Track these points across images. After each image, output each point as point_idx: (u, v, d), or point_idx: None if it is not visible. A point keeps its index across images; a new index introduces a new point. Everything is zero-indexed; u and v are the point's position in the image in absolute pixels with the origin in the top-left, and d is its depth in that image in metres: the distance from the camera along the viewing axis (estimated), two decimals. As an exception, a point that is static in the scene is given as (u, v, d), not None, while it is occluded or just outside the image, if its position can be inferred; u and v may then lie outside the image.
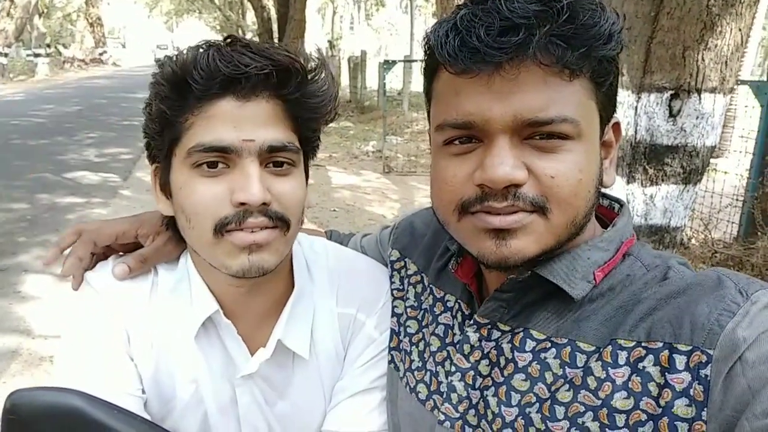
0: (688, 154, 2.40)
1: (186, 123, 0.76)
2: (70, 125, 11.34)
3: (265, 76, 0.74)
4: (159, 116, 0.78)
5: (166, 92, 0.76)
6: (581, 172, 0.66)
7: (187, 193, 0.77)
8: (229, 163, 0.75)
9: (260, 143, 0.75)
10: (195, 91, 0.74)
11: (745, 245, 4.12)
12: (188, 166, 0.76)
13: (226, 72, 0.72)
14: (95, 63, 36.85)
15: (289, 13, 12.74)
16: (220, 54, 0.73)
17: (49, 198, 6.36)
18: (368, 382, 0.92)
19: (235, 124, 0.74)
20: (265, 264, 0.77)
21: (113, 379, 0.81)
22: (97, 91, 19.40)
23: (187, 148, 0.75)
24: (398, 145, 9.73)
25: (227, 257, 0.77)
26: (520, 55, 0.62)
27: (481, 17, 0.63)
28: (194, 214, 0.77)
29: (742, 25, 2.21)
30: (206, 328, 0.86)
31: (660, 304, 0.65)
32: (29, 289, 4.09)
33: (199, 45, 0.76)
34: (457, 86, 0.67)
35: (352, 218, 6.03)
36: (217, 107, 0.75)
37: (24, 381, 2.97)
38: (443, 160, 0.71)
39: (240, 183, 0.74)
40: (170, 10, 41.52)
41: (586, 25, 0.63)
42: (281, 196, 0.77)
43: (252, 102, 0.75)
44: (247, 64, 0.72)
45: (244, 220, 0.75)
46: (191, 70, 0.73)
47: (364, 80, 16.38)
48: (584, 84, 0.66)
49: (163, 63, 0.77)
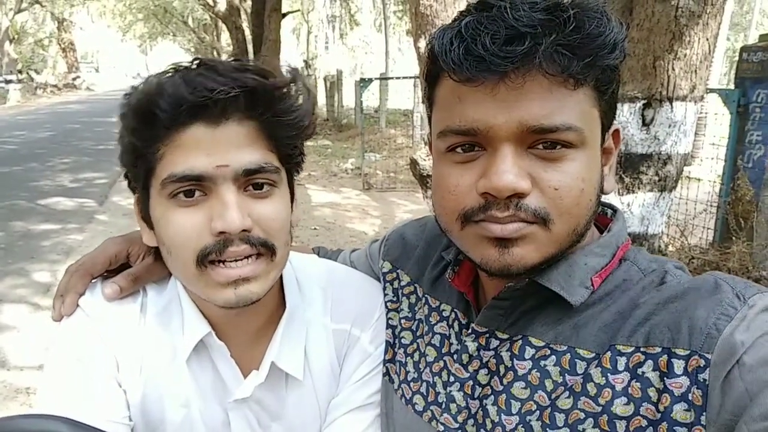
0: (663, 162, 2.45)
1: (157, 153, 0.73)
2: (43, 151, 11.16)
3: (234, 98, 0.71)
4: (130, 148, 0.75)
5: (134, 124, 0.73)
6: (584, 181, 0.66)
7: (166, 225, 0.74)
8: (206, 190, 0.73)
9: (235, 168, 0.72)
10: (163, 120, 0.71)
11: (721, 250, 4.19)
12: (165, 197, 0.74)
13: (191, 99, 0.69)
14: (68, 88, 36.44)
15: (264, 33, 12.76)
16: (184, 80, 0.70)
17: (23, 225, 6.23)
18: (364, 398, 0.91)
19: (208, 151, 0.71)
20: (252, 296, 0.75)
21: (99, 407, 0.78)
22: (70, 116, 19.13)
23: (161, 180, 0.73)
24: (377, 161, 9.75)
25: (212, 291, 0.74)
26: (525, 64, 0.61)
27: (486, 25, 0.62)
28: (174, 246, 0.74)
29: (709, 35, 2.28)
30: (197, 350, 0.83)
31: (658, 308, 0.65)
32: (4, 319, 3.98)
33: (165, 71, 0.74)
34: (461, 94, 0.66)
35: (333, 236, 6.00)
36: (187, 135, 0.71)
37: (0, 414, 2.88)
38: (446, 167, 0.71)
39: (217, 210, 0.71)
40: (144, 33, 41.30)
41: (591, 35, 0.62)
42: (262, 220, 0.75)
43: (223, 126, 0.72)
44: (213, 89, 0.69)
45: (224, 250, 0.72)
46: (157, 100, 0.70)
47: (341, 99, 16.45)
48: (588, 92, 0.66)
49: (129, 93, 0.74)
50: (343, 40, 40.41)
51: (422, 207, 6.98)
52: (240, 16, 16.59)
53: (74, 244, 5.64)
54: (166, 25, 31.67)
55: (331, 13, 38.36)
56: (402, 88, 12.77)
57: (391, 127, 13.30)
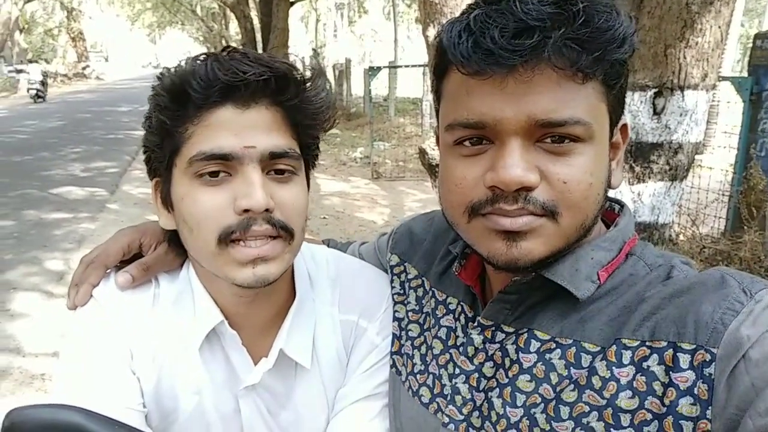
0: (674, 151, 2.43)
1: (186, 133, 0.76)
2: (55, 140, 11.25)
3: (264, 82, 0.74)
4: (159, 127, 0.77)
5: (166, 102, 0.75)
6: (592, 175, 0.66)
7: (189, 203, 0.76)
8: (231, 171, 0.75)
9: (261, 149, 0.75)
10: (194, 100, 0.74)
11: (733, 239, 4.16)
12: (189, 177, 0.76)
13: (224, 79, 0.72)
14: (78, 77, 36.61)
15: (273, 22, 12.74)
16: (218, 63, 0.73)
17: (35, 214, 6.30)
18: (371, 388, 0.92)
19: (236, 132, 0.74)
20: (269, 276, 0.77)
21: (114, 394, 0.80)
22: (80, 105, 19.25)
23: (188, 158, 0.75)
24: (386, 150, 9.74)
25: (231, 269, 0.76)
26: (534, 58, 0.61)
27: (495, 18, 0.62)
28: (197, 224, 0.76)
29: (721, 23, 2.25)
30: (209, 339, 0.85)
31: (664, 303, 0.65)
32: (18, 307, 4.04)
33: (197, 56, 0.76)
34: (469, 87, 0.66)
35: (342, 225, 6.02)
36: (216, 115, 0.74)
37: (16, 401, 2.93)
38: (453, 160, 0.71)
39: (243, 190, 0.74)
40: (152, 22, 41.32)
41: (601, 29, 0.62)
42: (283, 204, 0.77)
43: (252, 109, 0.75)
44: (245, 71, 0.72)
45: (248, 229, 0.74)
46: (190, 80, 0.73)
47: (350, 87, 16.41)
48: (596, 87, 0.65)
49: (162, 75, 0.77)
50: (352, 28, 40.23)
51: (431, 196, 6.97)
52: (248, 4, 16.56)
53: (86, 233, 5.70)
54: (175, 14, 31.65)
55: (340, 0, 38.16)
56: (411, 77, 12.74)
57: (400, 116, 13.27)
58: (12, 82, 24.42)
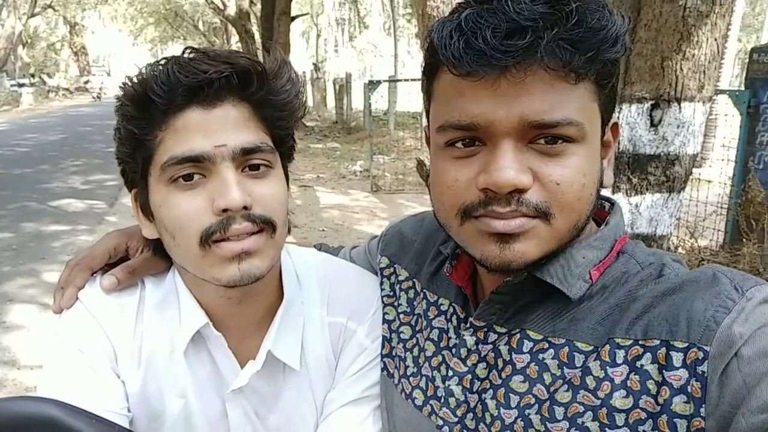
0: (671, 163, 2.43)
1: (156, 140, 0.75)
2: (55, 153, 11.29)
3: (226, 79, 0.74)
4: (128, 137, 0.77)
5: (131, 112, 0.75)
6: (585, 176, 0.66)
7: (167, 210, 0.75)
8: (205, 172, 0.75)
9: (233, 147, 0.74)
10: (159, 105, 0.73)
11: (732, 252, 4.16)
12: (165, 183, 0.75)
13: (186, 81, 0.72)
14: (80, 92, 36.78)
15: (274, 37, 12.85)
16: (178, 65, 0.73)
17: (34, 226, 6.29)
18: (359, 391, 0.91)
19: (205, 132, 0.74)
20: (255, 271, 0.76)
21: (96, 397, 0.79)
22: (81, 119, 19.35)
23: (161, 164, 0.74)
24: (385, 164, 9.76)
25: (216, 269, 0.76)
26: (526, 58, 0.60)
27: (487, 18, 0.61)
28: (178, 229, 0.75)
29: (717, 35, 2.26)
30: (195, 341, 0.84)
31: (656, 301, 0.65)
32: (14, 319, 4.02)
33: (158, 61, 0.76)
34: (461, 88, 0.65)
35: (340, 237, 6.01)
36: (183, 118, 0.74)
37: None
38: (445, 162, 0.70)
39: (219, 190, 0.73)
40: (155, 37, 41.67)
41: (593, 29, 0.61)
42: (262, 199, 0.76)
43: (218, 108, 0.75)
44: (206, 71, 0.72)
45: (228, 227, 0.73)
46: (152, 86, 0.73)
47: (350, 101, 16.49)
48: (588, 87, 0.65)
49: (124, 84, 0.76)
50: (352, 43, 40.52)
51: (430, 209, 6.96)
52: (249, 19, 16.71)
53: (84, 245, 5.67)
54: (177, 28, 31.92)
55: (340, 16, 38.48)
56: (411, 91, 12.79)
57: (400, 130, 13.31)
58: (14, 96, 24.54)
